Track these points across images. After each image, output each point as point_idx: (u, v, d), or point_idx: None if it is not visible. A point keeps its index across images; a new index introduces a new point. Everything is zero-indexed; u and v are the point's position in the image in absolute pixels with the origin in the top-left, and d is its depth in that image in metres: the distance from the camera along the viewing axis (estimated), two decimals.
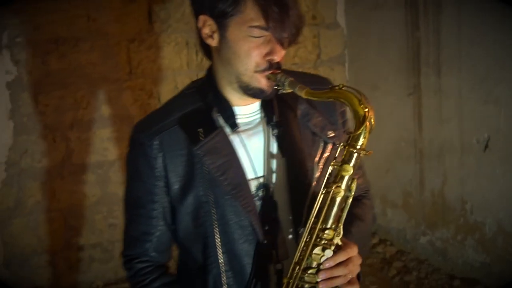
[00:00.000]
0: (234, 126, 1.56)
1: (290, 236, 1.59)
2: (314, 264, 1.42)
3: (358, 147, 1.37)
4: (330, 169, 1.42)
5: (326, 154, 1.63)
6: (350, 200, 1.42)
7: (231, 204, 1.51)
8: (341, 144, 1.42)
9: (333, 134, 1.64)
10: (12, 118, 4.10)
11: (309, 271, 1.42)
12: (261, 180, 1.58)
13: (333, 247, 1.41)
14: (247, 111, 1.60)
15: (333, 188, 1.39)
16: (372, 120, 1.38)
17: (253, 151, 1.58)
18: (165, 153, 1.52)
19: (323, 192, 1.42)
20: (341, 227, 1.42)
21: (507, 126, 3.64)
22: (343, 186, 1.39)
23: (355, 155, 1.38)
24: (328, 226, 1.42)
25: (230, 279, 1.53)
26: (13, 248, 4.20)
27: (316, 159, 1.61)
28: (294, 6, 1.46)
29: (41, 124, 4.18)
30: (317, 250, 1.41)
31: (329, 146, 1.64)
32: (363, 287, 1.48)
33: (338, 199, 1.40)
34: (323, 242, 1.42)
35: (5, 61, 4.05)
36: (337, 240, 1.42)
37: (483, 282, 3.95)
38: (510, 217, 3.71)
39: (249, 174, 1.56)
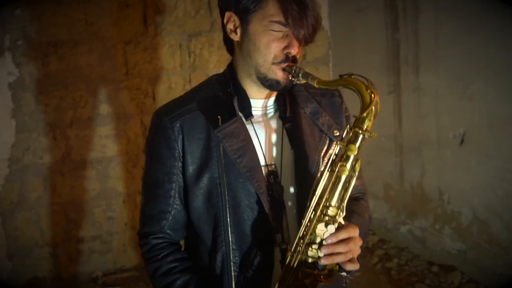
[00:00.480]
0: (249, 115, 1.59)
1: (294, 223, 1.59)
2: (318, 239, 1.41)
3: (364, 128, 1.39)
4: (336, 148, 1.43)
5: (331, 151, 1.63)
6: (354, 180, 1.41)
7: (243, 187, 1.53)
8: (347, 126, 1.44)
9: (339, 134, 1.66)
10: (14, 117, 4.09)
11: (313, 246, 1.41)
12: (271, 168, 1.60)
13: (336, 224, 1.41)
14: (263, 104, 1.64)
15: (338, 166, 1.40)
16: (378, 105, 1.41)
17: (264, 141, 1.61)
18: (185, 135, 1.54)
19: (329, 170, 1.43)
20: (344, 206, 1.42)
21: (481, 121, 3.66)
22: (348, 165, 1.39)
23: (361, 136, 1.40)
24: (333, 203, 1.41)
25: (237, 258, 1.54)
26: (16, 240, 4.19)
27: (322, 153, 1.62)
28: (313, 8, 1.50)
29: (42, 123, 4.17)
30: (320, 225, 1.40)
31: (334, 145, 1.61)
32: None
33: (343, 178, 1.40)
34: (326, 218, 1.41)
35: (7, 63, 4.03)
36: (340, 219, 1.42)
37: (459, 268, 3.97)
38: (484, 207, 3.73)
39: (261, 161, 1.59)
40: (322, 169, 1.59)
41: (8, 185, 4.14)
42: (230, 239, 1.54)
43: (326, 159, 1.62)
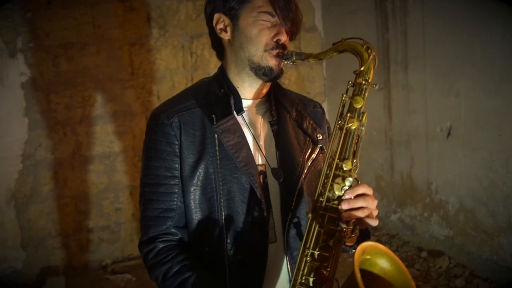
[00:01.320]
0: (240, 111, 1.56)
1: (278, 222, 1.54)
2: (335, 195, 1.36)
3: (367, 80, 1.39)
4: (342, 102, 1.41)
5: (313, 155, 1.61)
6: (364, 132, 1.39)
7: (237, 182, 1.49)
8: (350, 82, 1.41)
9: (321, 137, 1.64)
10: (26, 115, 4.08)
11: (332, 202, 1.36)
12: (261, 167, 1.56)
13: (352, 179, 1.36)
14: (252, 104, 1.60)
15: (347, 118, 1.37)
16: (376, 58, 1.40)
17: (255, 141, 1.57)
18: (182, 130, 1.50)
19: (337, 126, 1.39)
20: (358, 161, 1.38)
21: (467, 116, 3.66)
22: (356, 117, 1.37)
23: (365, 87, 1.38)
24: (347, 157, 1.38)
25: (232, 252, 1.48)
26: (29, 231, 4.18)
27: (306, 156, 1.59)
28: (294, 2, 1.52)
29: (53, 120, 4.16)
30: (338, 180, 1.36)
31: (317, 149, 1.62)
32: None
33: (352, 130, 1.37)
34: (342, 173, 1.37)
35: (20, 64, 4.02)
36: (355, 174, 1.38)
37: (447, 253, 3.97)
38: (470, 196, 3.73)
39: None
40: (305, 171, 1.56)
41: (21, 179, 4.13)
42: (224, 233, 1.48)
43: (309, 162, 1.59)
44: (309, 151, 1.61)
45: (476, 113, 3.59)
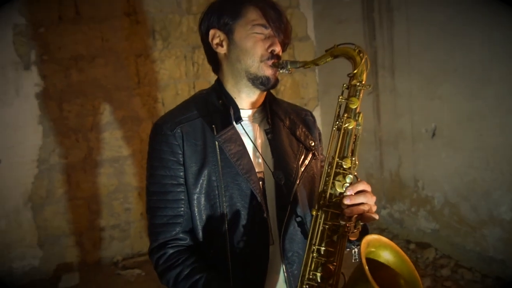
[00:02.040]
0: (238, 120, 1.53)
1: (274, 226, 1.52)
2: (337, 192, 1.34)
3: (361, 82, 1.37)
4: (338, 104, 1.39)
5: (306, 161, 1.59)
6: (361, 132, 1.37)
7: (238, 188, 1.47)
8: (344, 85, 1.39)
9: (313, 144, 1.62)
10: (41, 123, 4.08)
11: (334, 199, 1.34)
12: (260, 174, 1.53)
13: (352, 176, 1.34)
14: (249, 114, 1.58)
15: (345, 118, 1.35)
16: (368, 61, 1.38)
17: (251, 149, 1.55)
18: (185, 140, 1.47)
19: (335, 128, 1.37)
20: (357, 157, 1.36)
21: (449, 118, 3.65)
22: (352, 117, 1.35)
23: (359, 88, 1.36)
24: (346, 156, 1.35)
25: (234, 255, 1.46)
26: (46, 230, 4.19)
27: (300, 162, 1.57)
28: (283, 13, 1.51)
29: (65, 127, 4.16)
30: (339, 177, 1.34)
31: (309, 155, 1.60)
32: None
33: (350, 129, 1.35)
34: (342, 170, 1.34)
35: (34, 75, 4.03)
36: (354, 172, 1.35)
37: (433, 245, 3.98)
38: (454, 192, 3.73)
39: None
40: (299, 176, 1.54)
41: (37, 183, 4.13)
42: (227, 236, 1.46)
43: (302, 168, 1.57)
44: (302, 157, 1.59)
45: (458, 115, 3.59)
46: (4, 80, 3.95)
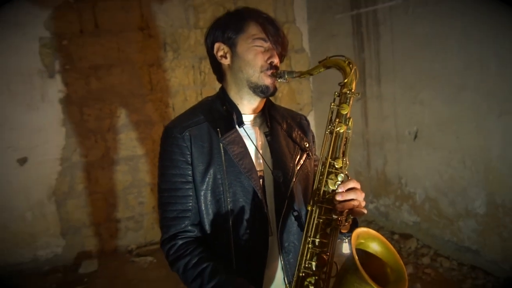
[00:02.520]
0: (241, 124, 1.53)
1: (273, 220, 1.51)
2: (330, 190, 1.33)
3: (350, 90, 1.36)
4: (330, 110, 1.38)
5: (301, 161, 1.58)
6: (351, 135, 1.37)
7: (241, 186, 1.46)
8: (336, 92, 1.39)
9: (308, 145, 1.62)
10: (64, 125, 4.09)
11: (327, 196, 1.33)
12: (260, 173, 1.53)
13: (343, 175, 1.34)
14: (250, 119, 1.58)
15: (336, 123, 1.35)
16: (357, 72, 1.37)
17: (253, 150, 1.54)
18: (193, 142, 1.47)
19: (328, 131, 1.37)
20: (347, 158, 1.36)
21: (430, 121, 3.65)
22: (343, 122, 1.35)
23: (349, 96, 1.36)
24: (337, 157, 1.35)
25: (237, 245, 1.46)
26: (67, 222, 4.20)
27: (295, 161, 1.57)
28: (280, 28, 1.51)
29: (85, 129, 4.16)
30: (331, 176, 1.34)
31: (304, 155, 1.60)
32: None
33: (341, 133, 1.35)
34: (334, 170, 1.34)
35: (58, 83, 4.04)
36: (345, 171, 1.35)
37: (415, 236, 3.98)
38: (433, 188, 3.72)
39: None
40: (295, 174, 1.54)
41: (60, 179, 4.14)
42: (231, 228, 1.46)
43: (298, 167, 1.56)
44: (298, 157, 1.58)
45: (437, 118, 3.58)
46: (31, 87, 3.96)
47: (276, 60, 1.49)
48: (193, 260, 1.42)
